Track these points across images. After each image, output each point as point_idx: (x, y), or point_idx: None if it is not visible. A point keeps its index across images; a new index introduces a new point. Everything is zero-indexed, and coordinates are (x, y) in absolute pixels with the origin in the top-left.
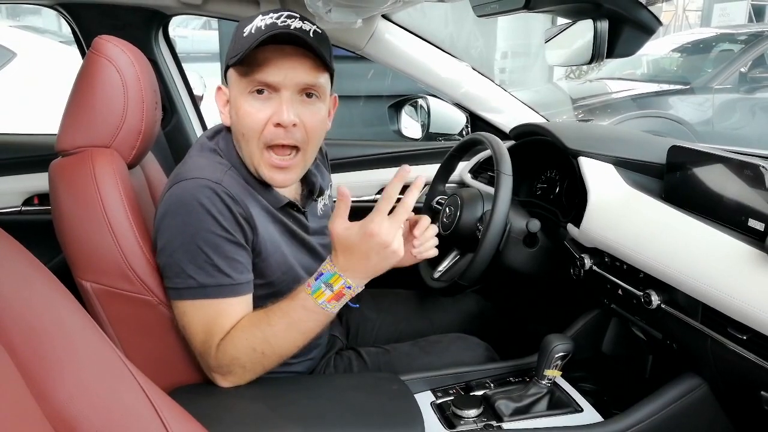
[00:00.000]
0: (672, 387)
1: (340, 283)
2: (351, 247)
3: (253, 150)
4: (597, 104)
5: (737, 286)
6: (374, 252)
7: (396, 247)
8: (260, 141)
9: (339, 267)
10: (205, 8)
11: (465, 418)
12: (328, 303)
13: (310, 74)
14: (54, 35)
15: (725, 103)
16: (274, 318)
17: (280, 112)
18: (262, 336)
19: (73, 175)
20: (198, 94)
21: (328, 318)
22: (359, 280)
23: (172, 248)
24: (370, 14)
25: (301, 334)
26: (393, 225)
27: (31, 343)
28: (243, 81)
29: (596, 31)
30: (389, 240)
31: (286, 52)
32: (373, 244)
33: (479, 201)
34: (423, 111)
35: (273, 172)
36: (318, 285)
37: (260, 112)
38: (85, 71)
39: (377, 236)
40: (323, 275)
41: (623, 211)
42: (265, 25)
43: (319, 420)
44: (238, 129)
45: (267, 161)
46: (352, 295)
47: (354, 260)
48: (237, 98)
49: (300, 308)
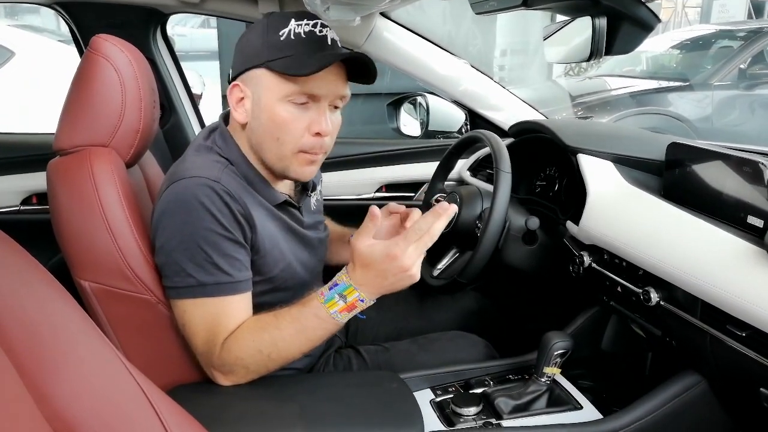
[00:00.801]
0: (671, 384)
1: (354, 295)
2: (370, 264)
3: (285, 153)
4: (596, 101)
5: (736, 283)
6: (392, 273)
7: (414, 272)
8: (295, 146)
9: (355, 281)
10: (203, 6)
11: (464, 415)
12: (340, 313)
13: (345, 87)
14: (52, 34)
15: (725, 99)
16: (284, 323)
17: (320, 122)
18: (270, 339)
19: (71, 175)
20: (196, 93)
21: (337, 327)
22: (372, 295)
23: (171, 247)
24: (369, 12)
25: (309, 340)
26: (416, 252)
27: (29, 343)
28: (284, 87)
29: (595, 28)
30: (409, 265)
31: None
32: (393, 266)
33: (478, 198)
34: (422, 109)
35: (304, 167)
36: (332, 295)
37: (299, 120)
38: (83, 70)
39: (399, 260)
40: (338, 286)
41: (622, 208)
42: (305, 32)
43: (318, 418)
44: (270, 132)
45: (300, 159)
46: (363, 308)
47: (370, 277)
48: (272, 102)
49: (312, 316)
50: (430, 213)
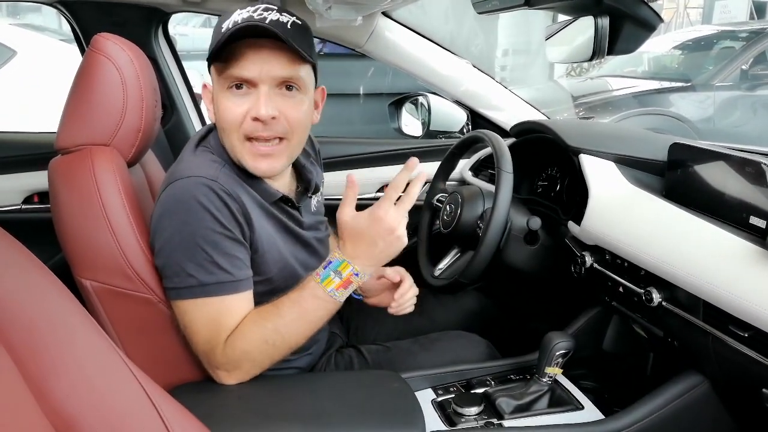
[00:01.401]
0: (673, 384)
1: (348, 270)
2: (359, 234)
3: (234, 142)
4: (598, 102)
5: (738, 283)
6: (380, 237)
7: (401, 233)
8: (239, 133)
9: (347, 254)
10: (204, 5)
11: (466, 415)
12: (336, 291)
13: (287, 68)
14: (54, 33)
15: (726, 100)
16: (284, 308)
17: (258, 106)
18: (273, 327)
19: (73, 173)
20: (198, 92)
21: (336, 306)
22: (366, 267)
23: (171, 248)
24: (370, 11)
25: (311, 323)
26: (399, 212)
27: (30, 341)
28: (221, 77)
29: (597, 27)
30: (395, 225)
31: (261, 45)
32: (380, 229)
33: (480, 199)
34: (423, 109)
35: (257, 160)
36: (327, 273)
37: (238, 106)
38: (85, 69)
39: (384, 221)
40: (332, 263)
41: (624, 208)
42: (242, 19)
43: (319, 418)
44: (219, 124)
45: (249, 151)
46: (359, 283)
47: (362, 247)
48: (217, 94)
49: (310, 297)
50: (402, 169)
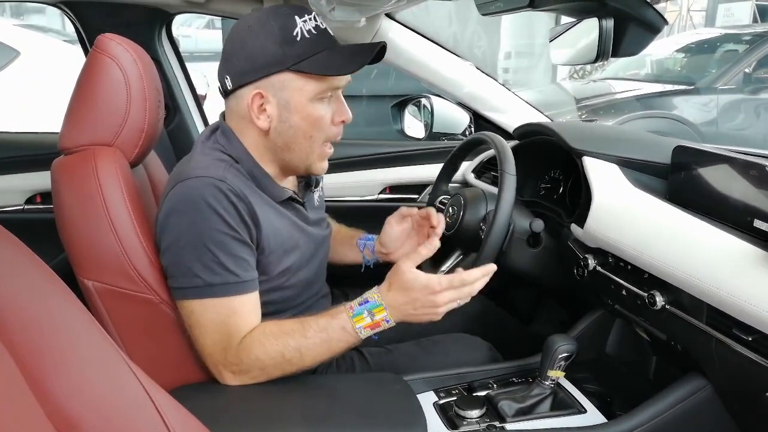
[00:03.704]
0: (676, 388)
1: (381, 315)
2: (408, 290)
3: (314, 148)
4: (601, 104)
5: (742, 286)
6: (422, 305)
7: (441, 312)
8: (326, 138)
9: (386, 300)
10: (208, 7)
11: (468, 418)
12: (364, 329)
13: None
14: (58, 34)
15: (730, 103)
16: (311, 331)
17: (344, 111)
18: (295, 345)
19: (76, 174)
20: (201, 94)
21: (358, 342)
22: (397, 319)
23: (178, 247)
24: (374, 13)
25: (330, 350)
26: (452, 296)
27: (32, 341)
28: (315, 86)
29: (601, 29)
30: (441, 304)
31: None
32: (427, 300)
33: (482, 201)
34: (426, 110)
35: (323, 162)
36: (361, 310)
37: (328, 114)
38: (88, 69)
39: (435, 296)
40: (368, 303)
41: (627, 211)
42: (313, 29)
43: (321, 420)
44: (302, 132)
45: (322, 153)
46: (385, 328)
47: (402, 301)
48: (304, 103)
49: (339, 328)
50: (480, 269)
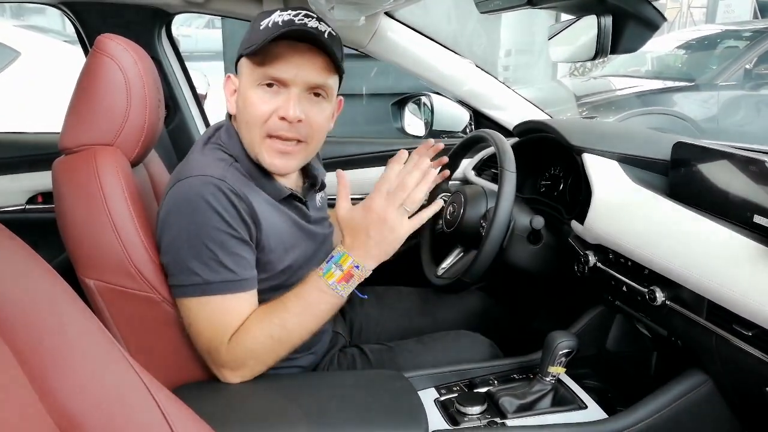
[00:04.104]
0: (677, 384)
1: (348, 262)
2: (355, 226)
3: (254, 138)
4: (601, 101)
5: (742, 282)
6: (373, 228)
7: (393, 224)
8: (262, 129)
9: (346, 247)
10: (208, 6)
11: (469, 415)
12: (338, 284)
13: (321, 74)
14: (58, 34)
15: (730, 99)
16: (289, 303)
17: (287, 107)
18: (279, 322)
19: (77, 173)
20: (201, 93)
21: (339, 301)
22: (366, 261)
23: (178, 246)
24: (373, 11)
25: (315, 316)
26: (389, 202)
27: (34, 340)
28: (255, 72)
29: (600, 27)
30: (384, 215)
31: (299, 49)
32: (371, 220)
33: (483, 198)
34: (426, 108)
35: (274, 157)
36: (329, 266)
37: (267, 104)
38: (89, 70)
39: (373, 211)
40: (333, 257)
41: (628, 207)
42: (283, 21)
43: (322, 418)
44: (242, 117)
45: (268, 147)
46: (360, 276)
47: (359, 239)
48: (246, 88)
49: (314, 290)
50: (390, 161)
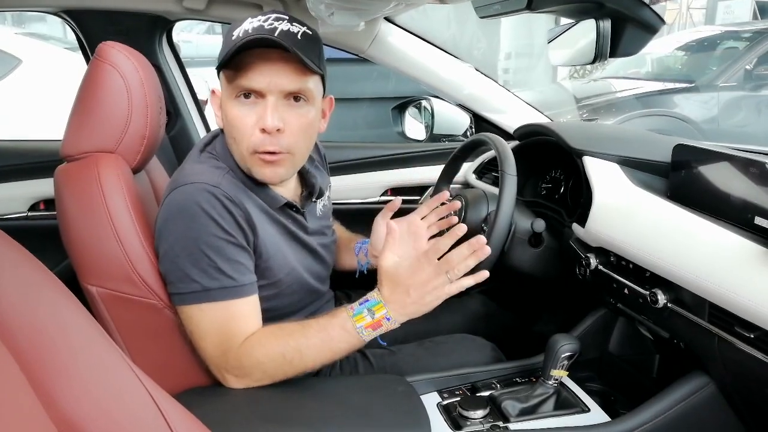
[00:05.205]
0: (679, 386)
1: (381, 312)
2: (397, 281)
3: (242, 152)
4: (601, 103)
5: (744, 284)
6: (414, 289)
7: (434, 290)
8: (248, 145)
9: (383, 297)
10: (208, 13)
11: (471, 419)
12: (365, 329)
13: (295, 80)
14: (59, 42)
15: (730, 100)
16: (311, 331)
17: (264, 118)
18: (295, 345)
19: (79, 181)
20: (202, 99)
21: (360, 344)
22: (398, 315)
23: (175, 253)
24: (373, 17)
25: (332, 351)
26: (438, 271)
27: (37, 347)
28: (231, 85)
29: (599, 30)
30: (429, 281)
31: (270, 57)
32: (415, 281)
33: (484, 201)
34: (427, 112)
35: (262, 168)
36: (361, 309)
37: (247, 117)
38: (90, 77)
39: (420, 275)
40: (368, 301)
41: (628, 210)
42: (253, 28)
43: (325, 422)
44: (228, 132)
45: (256, 160)
46: (388, 328)
47: (397, 293)
48: (226, 101)
49: (338, 327)
50: (466, 245)
